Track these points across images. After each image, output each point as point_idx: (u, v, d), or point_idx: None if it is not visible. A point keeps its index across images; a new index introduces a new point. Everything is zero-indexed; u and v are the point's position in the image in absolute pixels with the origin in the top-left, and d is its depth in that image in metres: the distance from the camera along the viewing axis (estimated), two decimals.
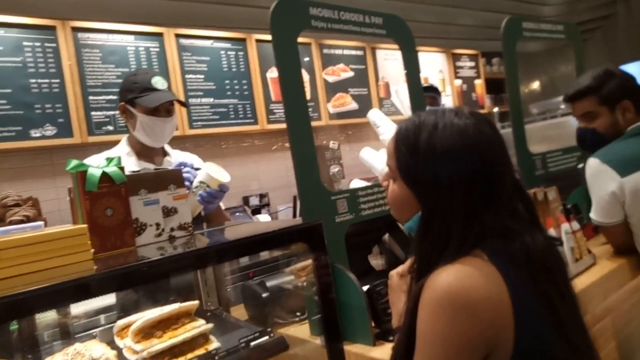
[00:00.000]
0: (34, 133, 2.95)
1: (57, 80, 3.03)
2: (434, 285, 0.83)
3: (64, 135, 3.03)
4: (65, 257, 1.02)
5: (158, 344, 1.11)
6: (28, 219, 2.31)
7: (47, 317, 1.33)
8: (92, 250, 1.06)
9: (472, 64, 5.40)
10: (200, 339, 1.17)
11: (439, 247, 0.89)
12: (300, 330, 1.44)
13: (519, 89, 2.21)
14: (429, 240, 0.91)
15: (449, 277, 0.83)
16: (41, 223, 1.78)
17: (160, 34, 3.41)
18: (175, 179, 1.25)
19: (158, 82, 1.82)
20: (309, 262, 1.53)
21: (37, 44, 2.97)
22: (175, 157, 1.98)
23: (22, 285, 0.91)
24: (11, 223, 2.33)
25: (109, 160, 1.16)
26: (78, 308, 1.59)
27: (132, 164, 1.82)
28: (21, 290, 0.85)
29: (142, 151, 1.90)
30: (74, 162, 1.11)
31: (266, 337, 1.20)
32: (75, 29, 3.10)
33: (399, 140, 0.95)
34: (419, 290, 0.87)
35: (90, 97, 3.14)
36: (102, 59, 3.19)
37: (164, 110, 1.84)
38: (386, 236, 1.92)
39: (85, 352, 1.12)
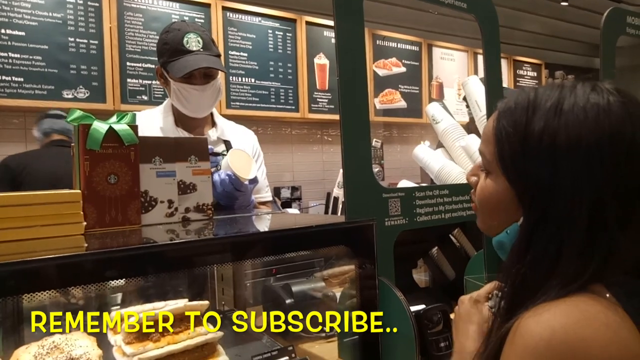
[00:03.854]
0: (67, 94, 2.82)
1: (96, 42, 2.89)
2: (532, 330, 0.57)
3: (97, 100, 2.89)
4: (49, 227, 0.80)
5: (152, 350, 0.89)
6: None
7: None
8: (85, 224, 0.85)
9: (534, 74, 5.03)
10: (206, 350, 0.94)
11: (543, 273, 0.63)
12: (326, 350, 1.20)
13: None
14: (529, 260, 0.64)
15: (556, 320, 0.57)
16: None
17: (207, 5, 3.23)
18: (198, 149, 1.03)
19: (191, 41, 1.48)
20: (346, 268, 1.29)
21: (80, 1, 2.84)
22: (225, 130, 1.67)
23: None
24: None
25: (121, 116, 0.93)
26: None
27: (168, 130, 1.56)
28: None
29: (182, 118, 1.59)
30: (77, 113, 0.90)
31: (286, 359, 0.96)
32: None
33: (504, 119, 0.69)
34: (507, 332, 0.61)
35: (128, 63, 2.99)
36: (144, 25, 3.03)
37: (200, 76, 1.50)
38: (434, 250, 1.66)
39: (64, 347, 0.90)
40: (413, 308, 1.12)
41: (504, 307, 0.68)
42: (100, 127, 0.89)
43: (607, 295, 0.60)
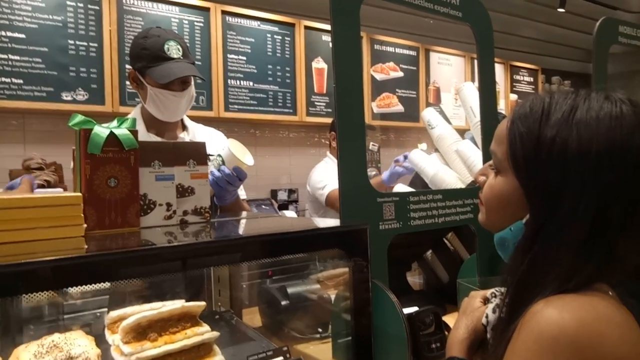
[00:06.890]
0: (65, 96, 2.84)
1: (95, 45, 2.91)
2: (550, 318, 0.59)
3: (96, 102, 2.91)
4: (50, 229, 0.82)
5: (150, 349, 0.91)
6: (48, 184, 2.15)
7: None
8: (85, 226, 0.87)
9: (531, 79, 5.07)
10: (202, 350, 0.96)
11: (540, 271, 0.65)
12: (320, 351, 1.22)
13: None
14: (530, 259, 0.67)
15: (574, 311, 0.59)
16: (61, 190, 1.62)
17: (206, 9, 3.25)
18: (196, 153, 1.05)
19: (171, 48, 1.50)
20: (340, 271, 1.31)
21: (80, 4, 2.86)
22: (195, 132, 1.71)
23: None
24: None
25: (121, 120, 0.96)
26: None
27: (141, 138, 1.58)
28: None
29: (154, 123, 1.61)
30: (78, 117, 0.92)
31: (281, 359, 0.98)
32: None
33: (519, 121, 0.71)
34: (512, 332, 0.63)
35: (127, 66, 3.01)
36: (144, 28, 3.04)
37: (178, 83, 1.53)
38: (429, 253, 1.68)
39: (64, 345, 0.92)
40: (406, 310, 1.14)
41: (508, 305, 0.70)
42: (101, 131, 0.91)
43: (610, 293, 0.63)
